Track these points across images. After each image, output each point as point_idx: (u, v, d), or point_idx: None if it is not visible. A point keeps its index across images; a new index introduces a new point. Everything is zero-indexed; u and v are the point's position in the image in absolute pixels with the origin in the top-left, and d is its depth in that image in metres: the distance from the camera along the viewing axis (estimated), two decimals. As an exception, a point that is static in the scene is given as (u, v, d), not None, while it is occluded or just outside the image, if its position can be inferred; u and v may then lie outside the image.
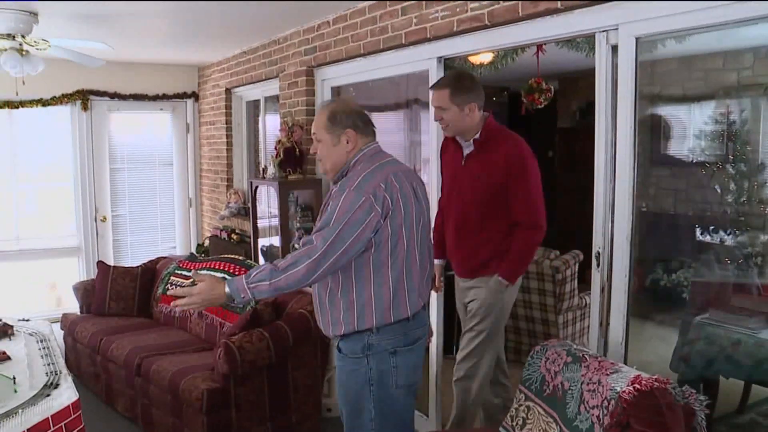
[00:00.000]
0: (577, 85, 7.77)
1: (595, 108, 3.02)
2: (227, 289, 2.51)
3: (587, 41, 4.10)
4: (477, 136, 3.36)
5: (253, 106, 6.86)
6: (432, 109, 3.46)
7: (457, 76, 3.41)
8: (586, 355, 2.57)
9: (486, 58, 5.12)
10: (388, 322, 2.60)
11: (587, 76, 3.31)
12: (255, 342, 3.82)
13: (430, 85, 3.93)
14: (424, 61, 4.01)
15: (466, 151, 3.43)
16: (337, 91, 5.09)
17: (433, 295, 4.09)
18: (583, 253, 5.25)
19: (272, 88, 5.93)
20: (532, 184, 3.32)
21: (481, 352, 3.49)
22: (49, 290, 7.41)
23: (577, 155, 7.89)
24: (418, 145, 6.14)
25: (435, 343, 4.13)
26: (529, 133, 9.19)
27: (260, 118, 6.60)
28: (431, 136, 4.07)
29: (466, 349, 3.51)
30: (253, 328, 3.95)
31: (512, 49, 4.29)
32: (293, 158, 5.04)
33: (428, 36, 3.83)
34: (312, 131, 2.77)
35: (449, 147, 3.59)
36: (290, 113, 5.32)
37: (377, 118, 6.07)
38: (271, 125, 6.36)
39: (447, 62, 4.00)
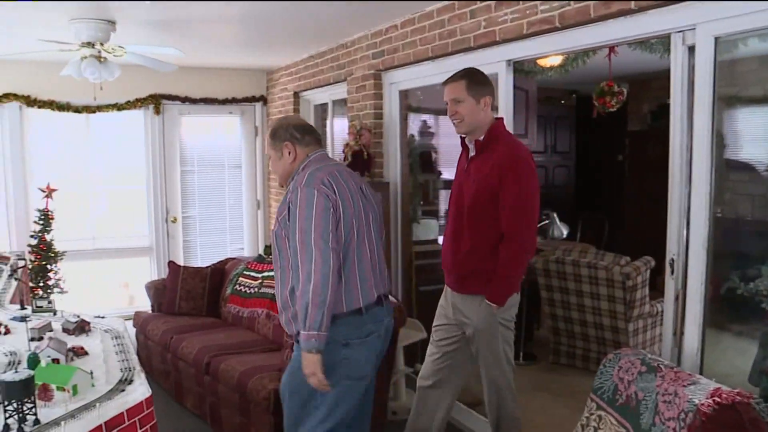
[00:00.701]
0: (648, 87, 7.58)
1: (670, 111, 2.94)
2: (305, 350, 2.61)
3: (661, 42, 4.00)
4: (481, 137, 3.23)
5: (321, 110, 6.92)
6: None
7: (472, 71, 3.32)
8: (661, 365, 2.50)
9: (555, 60, 5.06)
10: (341, 311, 2.71)
11: (659, 77, 3.22)
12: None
13: (499, 87, 3.92)
14: (492, 64, 3.97)
15: (471, 155, 3.32)
16: (404, 94, 5.09)
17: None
18: (654, 259, 5.13)
19: (340, 91, 5.97)
20: (522, 192, 3.08)
21: (503, 377, 3.40)
22: (122, 289, 7.63)
23: (648, 159, 7.70)
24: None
25: (501, 349, 4.09)
26: (598, 136, 9.08)
27: (328, 122, 6.65)
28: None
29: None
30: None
31: (583, 52, 4.22)
32: (361, 161, 5.06)
33: (497, 39, 3.80)
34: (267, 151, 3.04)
35: (461, 156, 3.48)
36: (358, 117, 5.34)
37: (443, 122, 6.09)
38: (339, 128, 6.41)
39: (516, 65, 3.97)
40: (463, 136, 3.36)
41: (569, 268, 5.28)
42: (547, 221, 5.77)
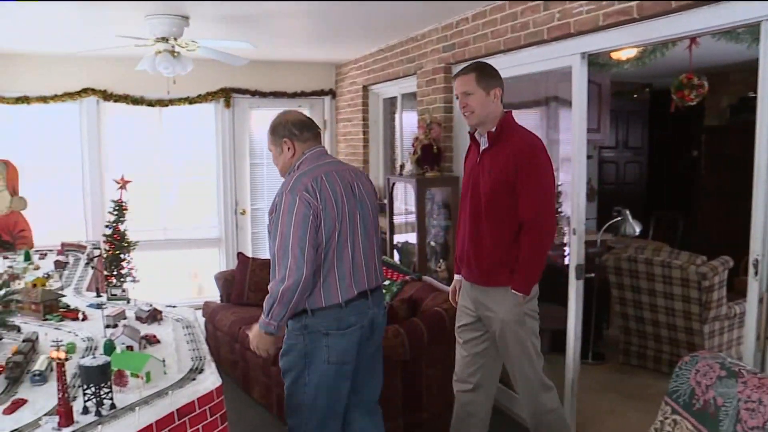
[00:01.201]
0: (727, 80, 7.32)
1: (757, 104, 2.80)
2: (263, 331, 2.95)
3: (749, 31, 3.83)
4: (493, 129, 3.22)
5: (390, 104, 6.91)
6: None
7: (481, 64, 3.36)
8: (742, 370, 2.39)
9: (630, 52, 4.91)
10: (320, 306, 2.93)
11: (741, 69, 3.08)
12: (390, 338, 3.83)
13: (573, 81, 3.84)
14: (566, 57, 3.89)
15: (482, 148, 3.30)
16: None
17: (572, 300, 3.97)
18: (732, 259, 4.96)
19: (410, 85, 5.94)
20: (540, 181, 3.12)
21: (532, 369, 3.38)
22: (191, 279, 7.79)
23: (726, 155, 7.44)
24: (555, 144, 5.99)
25: (572, 348, 4.01)
26: (672, 132, 8.83)
27: (397, 115, 6.64)
28: (573, 134, 3.92)
29: (524, 383, 3.44)
30: (389, 323, 3.96)
31: (662, 44, 4.09)
32: (431, 155, 5.03)
33: (571, 31, 3.72)
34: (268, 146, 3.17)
35: (470, 150, 3.47)
36: (428, 110, 5.31)
37: (515, 117, 6.01)
38: (408, 122, 6.39)
39: (591, 58, 3.87)
40: (471, 131, 3.38)
41: (642, 266, 5.14)
42: (619, 218, 5.63)
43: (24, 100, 6.77)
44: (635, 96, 8.79)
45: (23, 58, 6.72)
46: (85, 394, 2.37)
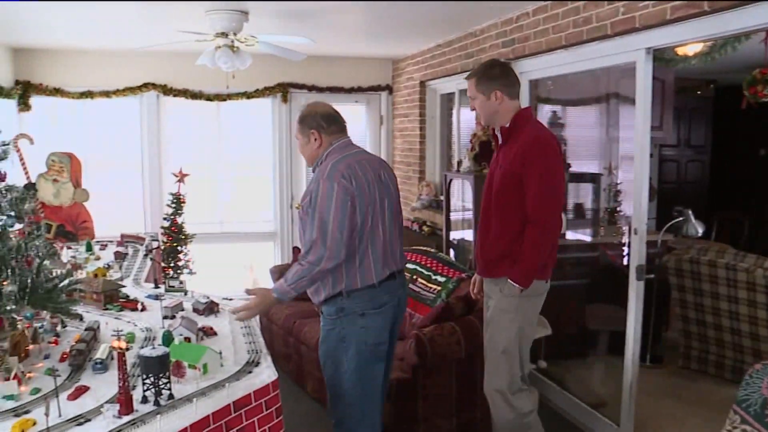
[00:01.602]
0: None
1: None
2: (275, 295, 3.08)
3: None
4: (507, 125, 3.29)
5: (447, 99, 6.86)
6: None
7: (488, 65, 3.36)
8: (817, 379, 2.29)
9: (696, 47, 4.76)
10: (356, 287, 3.04)
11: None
12: (446, 335, 3.79)
13: (637, 77, 3.75)
14: (630, 52, 3.79)
15: (500, 143, 3.38)
16: (534, 84, 4.95)
17: (632, 301, 3.88)
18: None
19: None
20: (545, 175, 3.13)
21: (494, 364, 3.39)
22: (246, 272, 7.87)
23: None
24: (615, 141, 5.86)
25: (631, 351, 3.92)
26: (737, 130, 8.56)
27: (454, 111, 6.58)
28: (636, 131, 3.81)
29: (492, 366, 3.43)
30: (445, 321, 3.93)
31: (734, 37, 3.95)
32: (489, 152, 4.96)
33: (637, 25, 3.61)
34: (296, 134, 3.30)
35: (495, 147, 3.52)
36: (485, 106, 5.24)
37: (572, 113, 5.91)
38: (466, 119, 6.33)
39: (656, 53, 3.76)
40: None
41: (705, 268, 4.99)
42: (680, 218, 5.48)
43: (88, 95, 6.94)
44: (698, 92, 8.55)
45: (87, 55, 6.88)
46: (144, 384, 2.40)
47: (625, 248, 4.85)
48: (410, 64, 7.16)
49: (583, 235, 5.88)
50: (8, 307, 2.72)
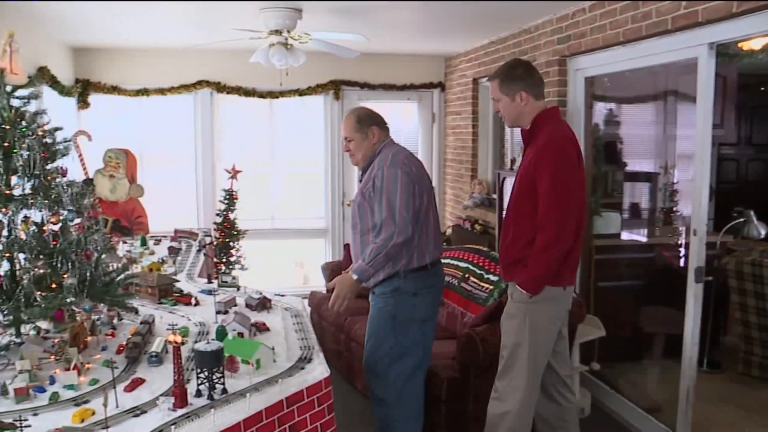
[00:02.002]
0: None
1: None
2: (354, 276, 3.30)
3: None
4: (528, 127, 3.22)
5: (500, 97, 6.79)
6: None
7: (511, 65, 3.29)
8: None
9: (762, 41, 4.60)
10: (412, 267, 3.33)
11: None
12: (498, 335, 3.74)
13: (698, 74, 3.65)
14: (692, 48, 3.68)
15: (525, 146, 3.32)
16: (590, 81, 4.85)
17: (690, 303, 3.79)
18: None
19: (521, 78, 5.81)
20: (553, 180, 3.00)
21: (507, 370, 3.28)
22: (297, 268, 7.91)
23: None
24: (672, 140, 5.73)
25: (688, 355, 3.82)
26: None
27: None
28: (697, 130, 3.70)
29: (500, 366, 3.35)
30: (497, 320, 3.87)
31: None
32: (542, 150, 4.90)
33: (699, 20, 3.50)
34: (343, 136, 3.58)
35: None
36: (540, 104, 5.17)
37: (628, 111, 5.79)
38: (518, 116, 6.25)
39: (719, 48, 3.65)
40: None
41: (767, 271, 4.84)
42: (741, 219, 5.32)
43: (143, 92, 7.07)
44: (762, 89, 8.28)
45: (143, 53, 7.01)
46: (198, 378, 2.42)
47: (682, 249, 4.75)
48: (463, 61, 7.10)
49: (638, 236, 5.76)
50: (68, 300, 2.77)
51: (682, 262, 4.47)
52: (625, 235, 5.52)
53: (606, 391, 4.72)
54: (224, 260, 6.67)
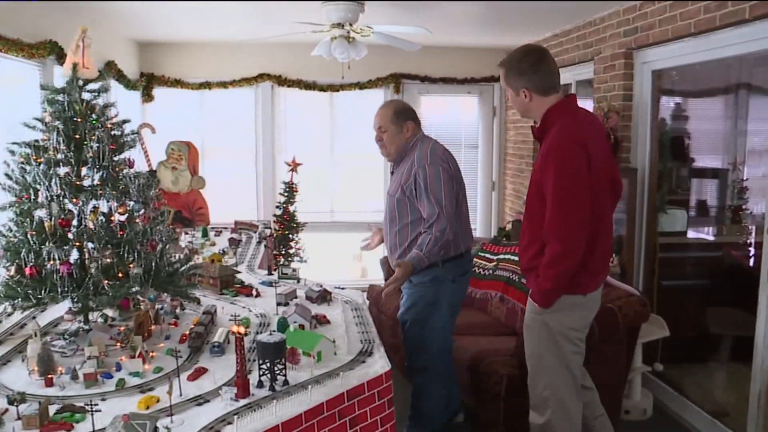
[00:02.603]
0: None
1: None
2: (412, 263, 3.39)
3: None
4: (538, 123, 3.00)
5: (563, 91, 6.67)
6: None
7: (518, 57, 3.00)
8: None
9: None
10: (450, 256, 3.50)
11: None
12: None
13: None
14: (770, 38, 3.54)
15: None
16: (657, 74, 4.72)
17: (762, 305, 3.65)
18: None
19: (585, 72, 5.70)
20: (557, 184, 2.78)
21: (534, 381, 3.15)
22: (355, 261, 7.93)
23: None
24: (743, 135, 5.54)
25: (760, 358, 3.69)
26: None
27: (569, 103, 6.40)
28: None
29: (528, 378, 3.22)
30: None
31: None
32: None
33: (779, 9, 3.37)
34: (377, 125, 3.74)
35: None
36: (605, 98, 5.05)
37: (696, 105, 5.61)
38: (581, 110, 6.14)
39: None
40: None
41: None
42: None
43: (206, 85, 7.17)
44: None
45: (206, 47, 7.10)
46: (260, 369, 2.43)
47: (751, 248, 4.60)
48: (524, 54, 7.00)
49: (705, 234, 5.60)
50: (134, 289, 2.82)
51: (751, 262, 4.34)
52: (692, 233, 5.37)
53: (669, 392, 4.61)
54: (283, 252, 6.72)
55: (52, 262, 2.68)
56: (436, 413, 3.79)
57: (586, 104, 5.85)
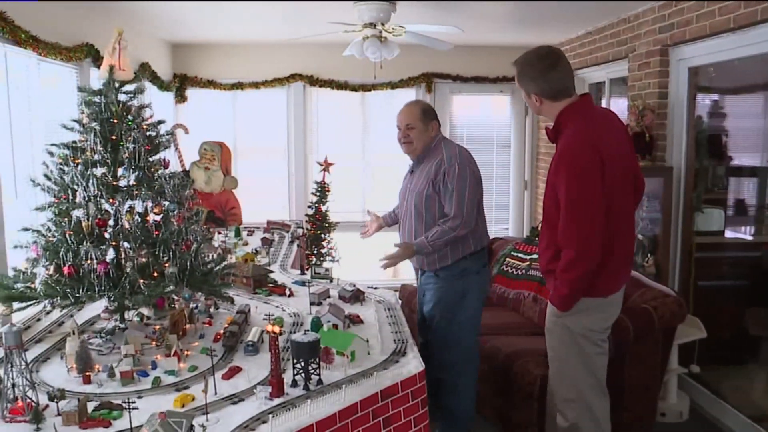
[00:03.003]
0: None
1: None
2: (415, 247, 3.62)
3: None
4: (552, 126, 2.99)
5: (596, 89, 6.60)
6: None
7: (528, 61, 2.99)
8: None
9: None
10: (474, 250, 3.67)
11: None
12: (595, 331, 3.64)
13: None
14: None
15: None
16: (694, 71, 4.65)
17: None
18: None
19: (618, 69, 5.64)
20: (569, 189, 2.78)
21: (557, 384, 3.16)
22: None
23: None
24: (783, 133, 5.44)
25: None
26: None
27: (603, 101, 6.32)
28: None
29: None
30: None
31: None
32: (642, 144, 4.73)
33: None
34: (404, 122, 3.79)
35: None
36: (640, 96, 4.99)
37: (733, 102, 5.52)
38: (615, 109, 6.04)
39: None
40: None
41: None
42: None
43: (238, 86, 7.23)
44: None
45: (238, 48, 7.17)
46: (294, 368, 2.44)
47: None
48: (557, 52, 6.94)
49: (743, 234, 5.50)
50: (169, 288, 2.84)
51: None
52: (729, 233, 5.28)
53: (706, 395, 4.53)
54: (315, 252, 6.73)
55: (89, 261, 2.71)
56: (469, 410, 3.81)
57: (620, 102, 5.79)
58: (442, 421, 3.80)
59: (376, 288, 3.98)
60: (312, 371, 2.43)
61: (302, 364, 2.41)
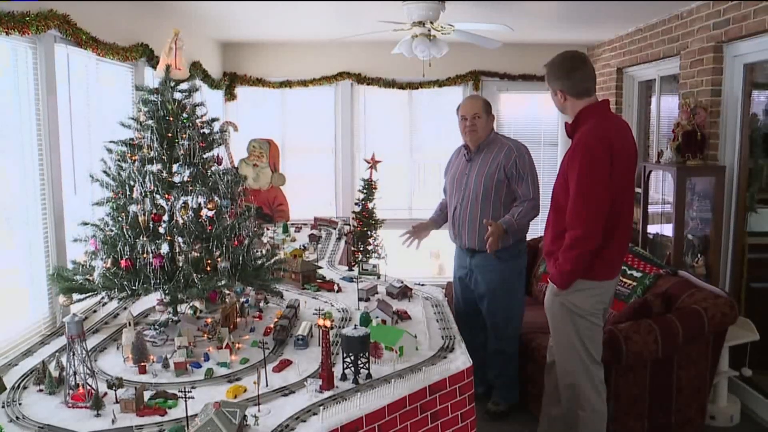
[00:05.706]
0: None
1: None
2: (504, 225, 3.91)
3: None
4: (571, 121, 3.30)
5: (646, 87, 6.51)
6: None
7: (557, 62, 3.32)
8: None
9: None
10: (525, 233, 4.21)
11: None
12: (642, 333, 3.60)
13: None
14: None
15: None
16: (749, 68, 4.56)
17: None
18: None
19: (669, 67, 5.55)
20: (579, 180, 3.08)
21: (557, 354, 3.44)
22: (432, 258, 7.93)
23: None
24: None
25: None
26: None
27: (653, 99, 6.23)
28: None
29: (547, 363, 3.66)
30: (641, 318, 3.74)
31: None
32: (694, 142, 4.66)
33: None
34: (473, 111, 4.15)
35: None
36: (692, 94, 4.91)
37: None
38: (666, 107, 5.97)
39: None
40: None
41: None
42: None
43: (286, 84, 7.31)
44: None
45: (287, 46, 7.25)
46: (344, 362, 2.48)
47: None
48: (606, 50, 6.87)
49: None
50: (222, 282, 2.91)
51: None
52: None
53: (758, 399, 4.45)
54: (362, 249, 6.77)
55: (145, 255, 2.79)
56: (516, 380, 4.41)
57: (671, 100, 5.71)
58: (502, 389, 4.36)
59: (423, 285, 4.01)
60: (361, 365, 2.47)
61: (352, 358, 2.45)
